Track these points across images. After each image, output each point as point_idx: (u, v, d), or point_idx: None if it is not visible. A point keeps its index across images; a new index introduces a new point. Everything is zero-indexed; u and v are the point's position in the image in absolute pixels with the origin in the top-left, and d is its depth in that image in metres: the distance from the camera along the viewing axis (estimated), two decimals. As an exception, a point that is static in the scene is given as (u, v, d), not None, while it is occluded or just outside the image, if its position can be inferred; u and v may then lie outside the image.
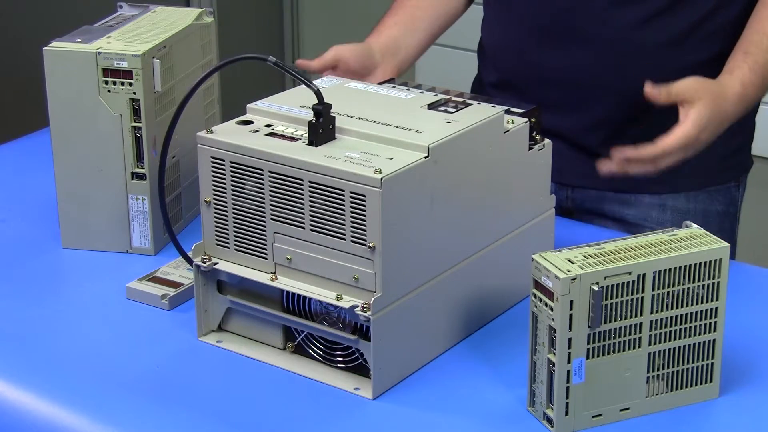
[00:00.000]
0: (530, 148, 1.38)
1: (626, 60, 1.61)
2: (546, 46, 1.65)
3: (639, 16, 1.59)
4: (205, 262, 1.31)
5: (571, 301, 1.14)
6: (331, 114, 1.26)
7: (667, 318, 1.18)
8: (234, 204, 1.28)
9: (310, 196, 1.22)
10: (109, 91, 1.48)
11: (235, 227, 1.29)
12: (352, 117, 1.30)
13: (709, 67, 1.62)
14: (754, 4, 1.58)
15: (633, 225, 1.68)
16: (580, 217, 1.71)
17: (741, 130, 1.67)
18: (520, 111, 1.38)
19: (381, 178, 1.17)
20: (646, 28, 1.59)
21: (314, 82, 1.31)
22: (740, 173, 1.73)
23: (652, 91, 1.46)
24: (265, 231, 1.27)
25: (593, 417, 1.19)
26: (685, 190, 1.68)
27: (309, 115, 1.26)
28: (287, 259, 1.26)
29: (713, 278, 1.19)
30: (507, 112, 1.36)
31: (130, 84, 1.48)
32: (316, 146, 1.24)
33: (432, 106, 1.35)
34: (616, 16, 1.59)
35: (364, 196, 1.18)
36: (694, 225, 1.23)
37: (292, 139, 1.26)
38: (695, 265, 1.18)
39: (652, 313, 1.17)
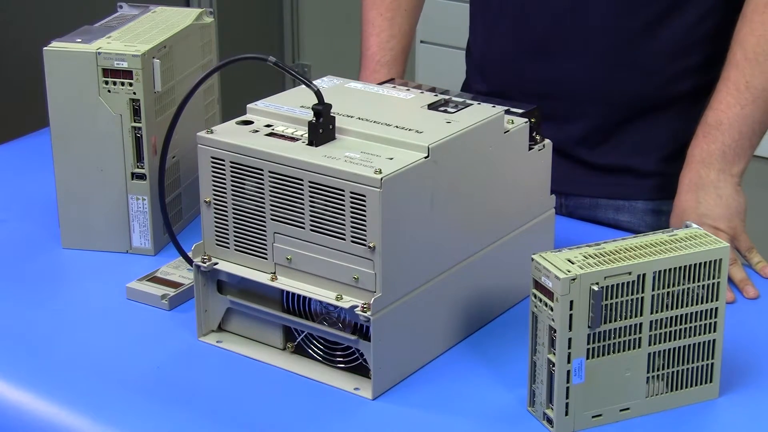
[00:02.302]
0: (530, 148, 1.38)
1: (617, 71, 1.61)
2: (537, 58, 1.64)
3: (629, 29, 1.59)
4: (205, 262, 1.31)
5: (571, 301, 1.13)
6: (331, 114, 1.26)
7: (667, 318, 1.18)
8: (234, 204, 1.28)
9: (310, 196, 1.22)
10: (109, 91, 1.48)
11: (235, 227, 1.29)
12: (352, 117, 1.30)
13: (697, 73, 1.62)
14: (739, 8, 1.56)
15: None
16: None
17: None
18: (520, 111, 1.38)
19: (381, 178, 1.17)
20: (637, 39, 1.59)
21: (314, 82, 1.31)
22: None
23: None
24: (265, 231, 1.27)
25: (593, 417, 1.19)
26: None
27: (309, 115, 1.26)
28: (287, 259, 1.26)
29: (713, 278, 1.19)
30: (507, 112, 1.36)
31: (130, 84, 1.48)
32: (316, 146, 1.24)
33: (432, 106, 1.35)
34: (606, 28, 1.59)
35: (364, 196, 1.18)
36: (694, 225, 1.23)
37: (292, 139, 1.26)
38: (695, 265, 1.18)
39: (652, 313, 1.17)
